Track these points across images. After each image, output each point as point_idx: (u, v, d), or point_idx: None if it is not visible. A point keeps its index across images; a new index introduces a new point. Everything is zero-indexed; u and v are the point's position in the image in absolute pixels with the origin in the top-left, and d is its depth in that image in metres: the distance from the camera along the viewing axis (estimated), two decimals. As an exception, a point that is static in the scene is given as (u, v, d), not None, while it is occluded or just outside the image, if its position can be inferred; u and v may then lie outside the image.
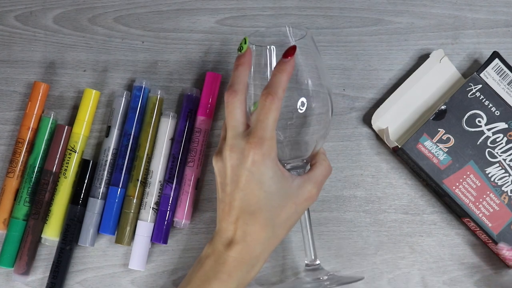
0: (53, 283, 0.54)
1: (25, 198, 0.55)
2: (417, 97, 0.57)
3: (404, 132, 0.57)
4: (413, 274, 0.56)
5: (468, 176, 0.54)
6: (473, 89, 0.55)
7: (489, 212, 0.53)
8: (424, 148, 0.54)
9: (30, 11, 0.60)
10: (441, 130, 0.54)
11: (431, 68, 0.57)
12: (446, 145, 0.54)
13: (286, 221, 0.47)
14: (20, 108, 0.58)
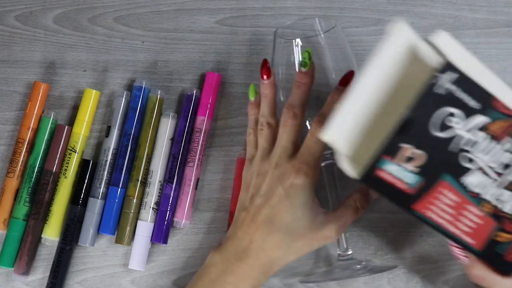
0: (53, 283, 0.54)
1: (25, 198, 0.55)
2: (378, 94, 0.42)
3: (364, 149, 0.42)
4: (413, 274, 0.56)
5: (442, 194, 0.41)
6: (443, 82, 0.39)
7: (471, 229, 0.43)
8: (384, 174, 0.40)
9: (30, 11, 0.60)
10: (406, 146, 0.40)
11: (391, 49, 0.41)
12: (416, 164, 0.40)
13: (298, 249, 0.47)
14: (20, 108, 0.58)
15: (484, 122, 0.41)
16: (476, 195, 0.42)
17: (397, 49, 0.41)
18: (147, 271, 0.56)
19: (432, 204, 0.41)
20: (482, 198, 0.42)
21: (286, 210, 0.46)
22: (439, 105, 0.40)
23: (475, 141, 0.41)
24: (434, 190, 0.41)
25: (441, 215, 0.42)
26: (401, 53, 0.41)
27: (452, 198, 0.42)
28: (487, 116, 0.41)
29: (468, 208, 0.42)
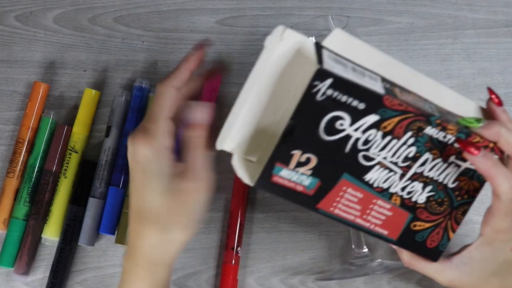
0: (53, 283, 0.54)
1: (25, 198, 0.55)
2: (265, 100, 0.43)
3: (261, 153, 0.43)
4: (413, 274, 0.56)
5: (345, 192, 0.43)
6: (322, 88, 0.39)
7: (381, 221, 0.44)
8: (282, 180, 0.42)
9: (30, 11, 0.60)
10: (296, 152, 0.41)
11: (273, 53, 0.41)
12: (308, 167, 0.41)
13: (176, 221, 0.43)
14: (20, 108, 0.58)
15: (375, 120, 0.41)
16: (382, 189, 0.43)
17: (281, 55, 0.42)
18: (147, 271, 0.56)
19: (336, 202, 0.43)
20: (390, 192, 0.43)
21: (140, 189, 0.44)
22: (323, 110, 0.40)
23: (370, 140, 0.42)
24: (336, 189, 0.42)
25: (348, 211, 0.43)
26: (287, 59, 0.42)
27: (355, 194, 0.43)
28: (378, 114, 0.41)
29: (375, 202, 0.44)
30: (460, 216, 0.45)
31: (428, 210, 0.44)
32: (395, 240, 0.45)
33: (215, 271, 0.56)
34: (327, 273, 0.55)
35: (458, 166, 0.44)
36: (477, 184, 0.44)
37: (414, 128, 0.42)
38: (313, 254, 0.56)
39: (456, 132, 0.42)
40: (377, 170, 0.43)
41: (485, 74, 0.59)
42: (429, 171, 0.43)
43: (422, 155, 0.43)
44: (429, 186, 0.44)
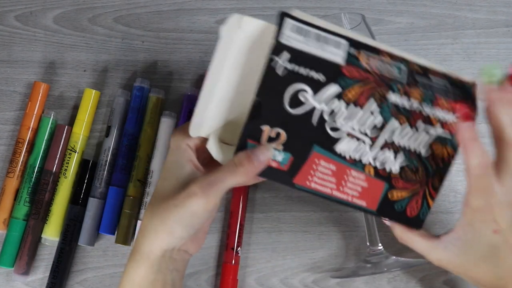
0: (53, 283, 0.54)
1: (25, 198, 0.55)
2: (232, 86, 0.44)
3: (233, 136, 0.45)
4: (413, 274, 0.56)
5: (317, 164, 0.43)
6: (281, 62, 0.41)
7: (358, 192, 0.44)
8: None
9: (30, 11, 0.60)
10: (265, 127, 0.42)
11: (234, 41, 0.43)
12: (279, 142, 0.43)
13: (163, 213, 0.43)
14: (20, 108, 0.58)
15: (337, 91, 0.42)
16: (354, 160, 0.43)
17: (244, 41, 0.43)
18: (147, 271, 0.56)
19: (311, 175, 0.43)
20: (362, 162, 0.44)
21: (160, 176, 0.45)
22: (285, 84, 0.42)
23: (335, 110, 0.42)
24: (309, 163, 0.43)
25: (324, 185, 0.44)
26: (245, 42, 0.43)
27: (329, 167, 0.43)
28: (339, 84, 0.42)
29: (350, 174, 0.44)
30: (437, 183, 0.44)
31: (404, 179, 0.44)
32: (374, 211, 0.44)
33: (215, 271, 0.56)
34: (342, 271, 0.55)
35: (429, 133, 0.43)
36: (450, 150, 0.44)
37: (377, 96, 0.42)
38: (313, 254, 0.56)
39: (420, 97, 0.42)
40: (346, 141, 0.43)
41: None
42: (398, 139, 0.43)
43: (389, 123, 0.43)
44: (401, 155, 0.44)
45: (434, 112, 0.43)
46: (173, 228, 0.43)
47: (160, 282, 0.44)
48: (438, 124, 0.43)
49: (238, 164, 0.42)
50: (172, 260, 0.45)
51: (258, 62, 0.43)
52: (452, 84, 0.43)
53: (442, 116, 0.43)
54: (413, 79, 0.43)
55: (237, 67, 0.44)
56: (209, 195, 0.42)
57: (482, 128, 0.58)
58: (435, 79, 0.43)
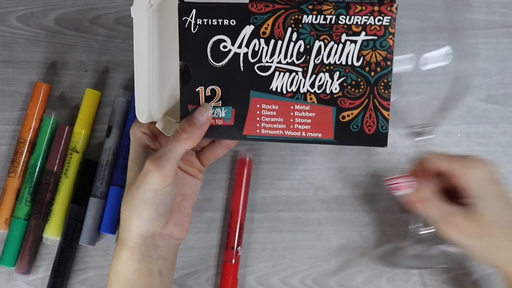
0: (54, 282, 0.54)
1: (27, 197, 0.55)
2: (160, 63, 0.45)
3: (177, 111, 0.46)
4: (412, 274, 0.56)
5: (260, 109, 0.44)
6: (191, 20, 0.42)
7: (309, 125, 0.44)
8: None
9: (31, 12, 0.60)
10: (200, 88, 0.43)
11: (148, 19, 0.45)
12: (217, 99, 0.44)
13: (130, 198, 0.44)
14: (21, 108, 0.59)
15: (251, 31, 0.42)
16: (292, 93, 0.43)
17: (149, 16, 0.44)
18: (147, 271, 0.56)
19: (258, 122, 0.44)
20: (301, 92, 0.43)
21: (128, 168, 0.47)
22: (202, 40, 0.43)
23: (257, 50, 0.43)
24: (252, 110, 0.44)
25: (273, 127, 0.44)
26: (156, 16, 0.44)
27: (272, 108, 0.44)
28: (251, 24, 0.42)
29: (294, 108, 0.44)
30: (383, 90, 0.43)
31: (348, 96, 0.43)
32: (333, 139, 0.44)
33: (215, 270, 0.56)
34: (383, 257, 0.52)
35: (354, 42, 0.42)
36: (383, 52, 0.43)
37: (291, 22, 0.42)
38: (313, 254, 0.56)
39: (334, 10, 0.42)
40: (278, 77, 0.43)
41: (484, 74, 0.59)
42: (327, 58, 0.43)
43: (312, 45, 0.43)
44: (336, 73, 0.43)
45: (352, 20, 0.42)
46: (140, 210, 0.44)
47: (145, 272, 0.45)
48: (361, 30, 0.42)
49: (181, 131, 0.43)
50: (155, 247, 0.45)
51: (174, 31, 0.44)
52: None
53: (362, 21, 0.42)
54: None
55: (159, 43, 0.45)
56: (162, 167, 0.42)
57: (480, 129, 0.58)
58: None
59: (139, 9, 0.44)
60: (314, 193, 0.57)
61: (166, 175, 0.43)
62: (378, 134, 0.44)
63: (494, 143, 0.58)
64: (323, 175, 0.57)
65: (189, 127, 0.43)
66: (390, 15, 0.42)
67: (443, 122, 0.58)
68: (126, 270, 0.45)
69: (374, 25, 0.42)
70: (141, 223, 0.44)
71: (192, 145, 0.44)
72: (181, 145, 0.43)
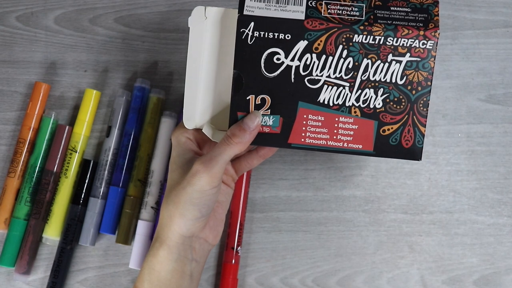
0: (54, 282, 0.54)
1: (26, 198, 0.55)
2: (212, 72, 0.47)
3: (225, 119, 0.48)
4: (412, 274, 0.56)
5: (307, 119, 0.46)
6: (249, 32, 0.45)
7: (351, 136, 0.46)
8: None
9: (31, 11, 0.60)
10: (250, 96, 0.46)
11: (203, 31, 0.47)
12: (266, 107, 0.46)
13: (175, 199, 0.45)
14: (21, 108, 0.59)
15: (304, 45, 0.45)
16: (338, 106, 0.46)
17: (206, 27, 0.47)
18: (147, 271, 0.56)
19: (304, 131, 0.46)
20: (347, 106, 0.46)
21: (169, 171, 0.48)
22: (257, 51, 0.45)
23: (309, 64, 0.45)
24: (299, 119, 0.46)
25: (318, 137, 0.46)
26: (212, 28, 0.47)
27: (318, 119, 0.46)
28: (305, 39, 0.45)
29: (338, 120, 0.46)
30: (422, 108, 0.46)
31: (389, 111, 0.46)
32: (372, 151, 0.46)
33: (215, 271, 0.56)
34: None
35: (399, 62, 0.45)
36: (424, 73, 0.46)
37: (343, 40, 0.45)
38: (313, 254, 0.56)
39: (383, 32, 0.45)
40: (326, 90, 0.46)
41: (484, 74, 0.59)
42: (374, 75, 0.46)
43: (361, 62, 0.45)
44: (381, 89, 0.46)
45: (399, 42, 0.45)
46: (185, 210, 0.45)
47: (179, 272, 0.46)
48: (406, 51, 0.45)
49: (232, 136, 0.45)
50: (191, 249, 0.46)
51: (229, 43, 0.46)
52: (413, 9, 0.46)
53: (408, 44, 0.45)
54: (374, 15, 0.45)
55: (212, 53, 0.47)
56: (211, 169, 0.44)
57: (481, 129, 0.58)
58: (395, 8, 0.46)
59: (195, 20, 0.46)
60: (314, 193, 0.57)
61: (214, 177, 0.44)
62: (414, 148, 0.46)
63: (495, 143, 0.58)
64: (323, 175, 0.57)
65: (240, 132, 0.45)
66: (433, 40, 0.45)
67: (443, 122, 0.58)
68: (161, 268, 0.46)
69: (418, 48, 0.45)
70: (184, 223, 0.45)
71: (241, 149, 0.45)
72: (231, 149, 0.45)
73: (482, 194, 0.57)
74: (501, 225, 0.57)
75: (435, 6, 0.46)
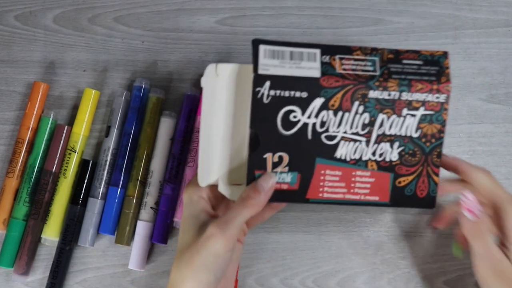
0: (52, 283, 0.54)
1: (25, 198, 0.55)
2: (226, 129, 0.47)
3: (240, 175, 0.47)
4: (413, 274, 0.55)
5: (324, 175, 0.46)
6: (264, 91, 0.44)
7: (368, 189, 0.47)
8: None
9: (30, 11, 0.60)
10: (268, 154, 0.45)
11: (216, 88, 0.47)
12: (284, 165, 0.46)
13: (188, 261, 0.44)
14: (20, 108, 0.58)
15: (321, 103, 0.45)
16: (355, 161, 0.47)
17: (219, 85, 0.47)
18: (147, 271, 0.55)
19: (322, 187, 0.47)
20: (364, 160, 0.47)
21: (180, 231, 0.47)
22: (274, 110, 0.45)
23: (325, 121, 0.46)
24: (316, 175, 0.46)
25: (335, 192, 0.47)
26: (225, 85, 0.47)
27: (335, 174, 0.47)
28: (321, 96, 0.45)
29: (355, 174, 0.47)
30: (436, 159, 0.47)
31: (405, 164, 0.47)
32: (388, 202, 0.47)
33: (215, 271, 0.55)
34: None
35: (414, 116, 0.46)
36: (438, 126, 0.47)
37: (359, 96, 0.45)
38: (314, 254, 0.56)
39: (397, 87, 0.45)
40: (343, 145, 0.46)
41: (486, 73, 0.59)
42: (389, 129, 0.46)
43: (376, 118, 0.46)
44: (396, 143, 0.47)
45: (413, 96, 0.46)
46: (199, 273, 0.44)
47: None
48: (420, 105, 0.46)
49: (246, 197, 0.44)
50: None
51: (243, 99, 0.46)
52: (424, 61, 0.46)
53: (422, 98, 0.46)
54: (387, 69, 0.46)
55: (225, 109, 0.47)
56: (226, 232, 0.43)
57: (482, 128, 0.58)
58: (407, 62, 0.46)
59: (208, 78, 0.46)
60: (314, 194, 0.57)
61: (230, 240, 0.43)
62: (428, 197, 0.48)
63: (496, 143, 0.58)
64: (324, 175, 0.57)
65: (255, 194, 0.45)
66: (446, 93, 0.46)
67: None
68: None
69: (432, 102, 0.46)
70: (197, 286, 0.44)
71: (257, 211, 0.45)
72: (247, 211, 0.44)
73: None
74: (503, 225, 0.57)
75: (445, 58, 0.47)
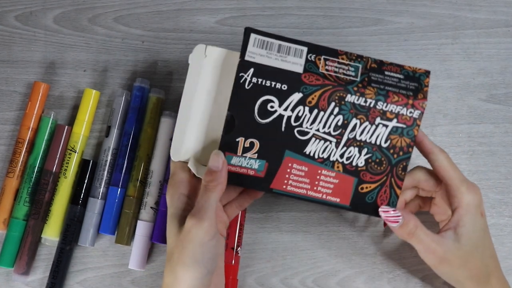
0: (53, 283, 0.54)
1: (25, 198, 0.55)
2: (205, 109, 0.49)
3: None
4: (413, 274, 0.56)
5: (291, 168, 0.47)
6: (247, 77, 0.46)
7: (331, 189, 0.48)
8: (234, 167, 0.47)
9: (30, 11, 0.60)
10: (240, 138, 0.47)
11: (202, 68, 0.49)
12: (254, 151, 0.47)
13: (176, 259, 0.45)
14: (20, 108, 0.58)
15: (299, 98, 0.47)
16: (323, 159, 0.48)
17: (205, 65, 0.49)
18: (147, 271, 0.56)
19: (286, 179, 0.48)
20: (331, 160, 0.48)
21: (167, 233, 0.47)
22: (253, 97, 0.47)
23: (300, 116, 0.47)
24: (283, 167, 0.47)
25: (299, 186, 0.48)
26: (211, 67, 0.49)
27: (301, 169, 0.47)
28: (300, 92, 0.47)
29: (321, 173, 0.48)
30: (401, 172, 0.48)
31: (370, 171, 0.48)
32: (348, 205, 0.48)
33: (215, 271, 0.56)
34: None
35: (386, 126, 0.47)
36: (407, 140, 0.47)
37: (336, 98, 0.47)
38: (313, 254, 0.56)
39: (374, 96, 0.47)
40: (314, 142, 0.47)
41: (485, 74, 0.59)
42: (360, 135, 0.47)
43: (349, 121, 0.47)
44: (365, 149, 0.48)
45: (388, 107, 0.47)
46: (191, 269, 0.44)
47: None
48: (393, 117, 0.47)
49: (205, 182, 0.45)
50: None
51: (225, 84, 0.48)
52: (406, 76, 0.47)
53: (396, 110, 0.47)
54: (368, 77, 0.47)
55: (207, 90, 0.49)
56: (203, 219, 0.44)
57: (482, 128, 0.58)
58: (389, 73, 0.47)
59: (195, 57, 0.48)
60: (314, 194, 0.57)
61: (210, 226, 0.44)
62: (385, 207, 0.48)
63: (496, 143, 0.58)
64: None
65: (211, 176, 0.45)
66: (420, 110, 0.47)
67: (444, 122, 0.58)
68: None
69: (405, 116, 0.47)
70: (191, 282, 0.44)
71: (221, 189, 0.46)
72: (212, 193, 0.45)
73: (483, 194, 0.57)
74: (502, 225, 0.57)
75: (426, 76, 0.47)
